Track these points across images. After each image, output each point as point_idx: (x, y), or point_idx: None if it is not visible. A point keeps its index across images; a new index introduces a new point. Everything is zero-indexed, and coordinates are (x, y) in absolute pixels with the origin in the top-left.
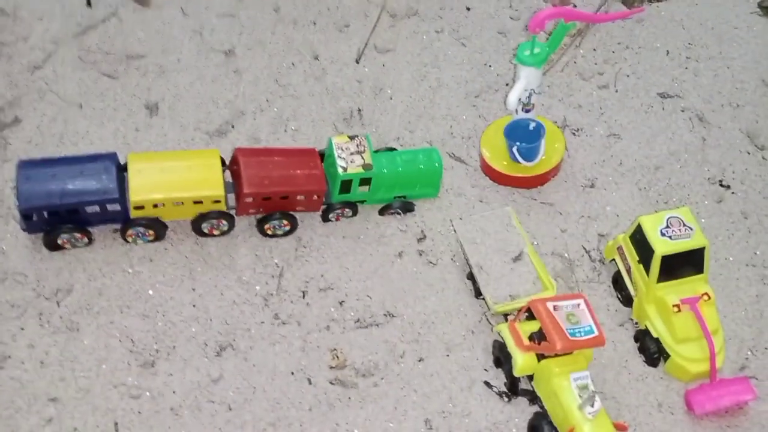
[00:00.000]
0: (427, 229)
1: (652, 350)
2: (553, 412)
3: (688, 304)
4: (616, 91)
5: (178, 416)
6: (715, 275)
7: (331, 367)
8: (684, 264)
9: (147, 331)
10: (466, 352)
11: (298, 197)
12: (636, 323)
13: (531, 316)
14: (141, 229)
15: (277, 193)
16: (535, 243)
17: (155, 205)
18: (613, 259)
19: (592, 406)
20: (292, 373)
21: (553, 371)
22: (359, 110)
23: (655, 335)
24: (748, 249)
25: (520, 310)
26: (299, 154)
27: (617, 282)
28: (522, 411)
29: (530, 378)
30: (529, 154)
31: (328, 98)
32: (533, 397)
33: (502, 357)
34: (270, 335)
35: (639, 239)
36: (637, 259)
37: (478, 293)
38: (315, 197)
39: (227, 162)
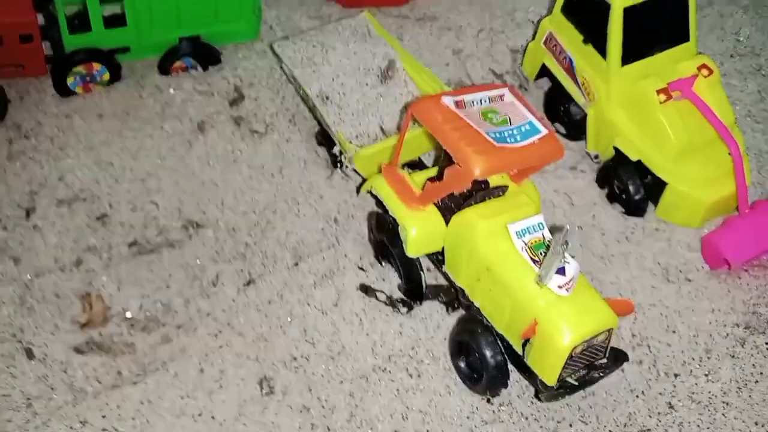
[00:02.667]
0: (244, 86)
1: (632, 186)
2: (491, 306)
3: (679, 89)
4: None
5: None
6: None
7: (82, 325)
8: (660, 25)
9: None
10: (328, 252)
11: None
12: (597, 157)
13: (420, 166)
14: None
15: None
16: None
17: None
18: (542, 74)
19: (564, 272)
20: None
21: (478, 227)
22: None
23: (633, 156)
24: (727, 36)
25: (398, 140)
26: None
27: (554, 104)
28: (436, 325)
29: (439, 261)
30: None
31: None
32: (450, 295)
33: (385, 236)
34: None
35: (579, 1)
36: (582, 38)
37: (335, 160)
38: (23, 42)
39: None
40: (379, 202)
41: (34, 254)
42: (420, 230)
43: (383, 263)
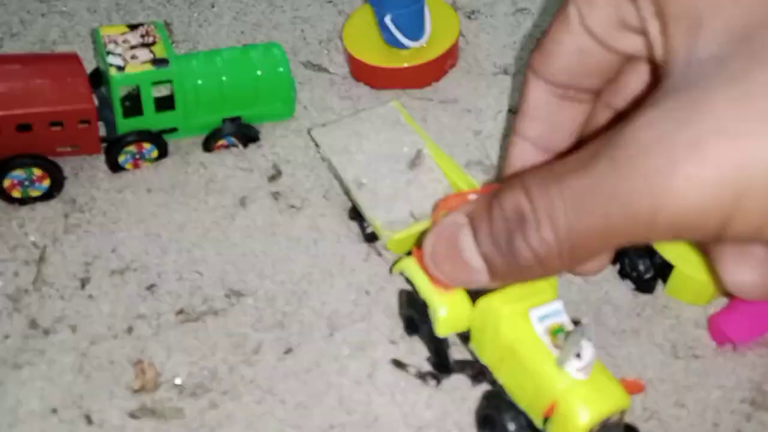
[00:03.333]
0: (282, 163)
1: (642, 266)
2: (514, 385)
3: None
4: None
5: None
6: None
7: (135, 391)
8: None
9: None
10: (360, 324)
11: (53, 126)
12: None
13: None
14: None
15: (10, 120)
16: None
17: None
18: None
19: (580, 356)
20: (54, 411)
21: (501, 312)
22: (167, 23)
23: None
24: None
25: (432, 224)
26: (45, 60)
27: None
28: (462, 397)
29: (465, 338)
30: (412, 27)
31: (118, 14)
32: (476, 370)
33: (415, 314)
34: (18, 355)
35: None
36: None
37: (369, 236)
38: (82, 124)
39: None
40: (409, 282)
41: (89, 323)
42: (449, 312)
43: (412, 336)
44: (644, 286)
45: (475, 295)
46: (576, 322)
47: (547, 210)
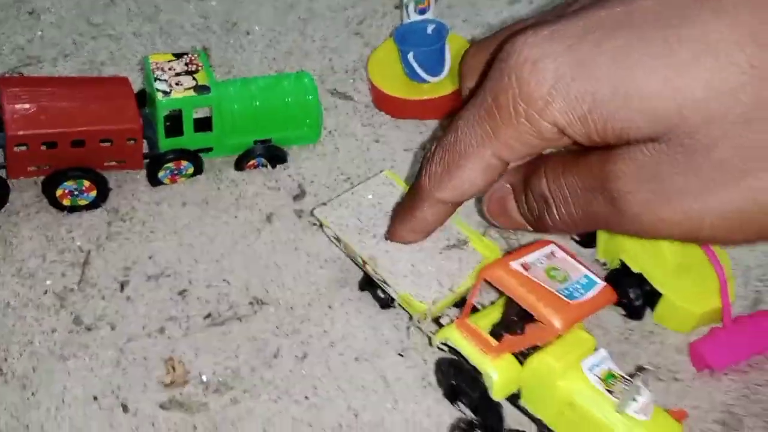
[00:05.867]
0: (306, 183)
1: (633, 294)
2: None
3: None
4: (531, 2)
5: None
6: None
7: (166, 385)
8: None
9: None
10: (371, 335)
11: (102, 143)
12: (605, 264)
13: (474, 308)
14: None
15: (66, 136)
16: None
17: None
18: None
19: (636, 399)
20: (95, 399)
21: (556, 369)
22: (205, 48)
23: (635, 269)
24: None
25: (467, 299)
26: (99, 82)
27: None
28: None
29: (514, 399)
30: (432, 63)
31: (161, 38)
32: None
33: (459, 382)
34: (64, 348)
35: None
36: None
37: (385, 302)
38: (128, 142)
39: None
40: (453, 350)
41: (126, 322)
42: (502, 376)
43: (456, 405)
44: (634, 312)
45: (520, 356)
46: (639, 369)
47: (562, 196)
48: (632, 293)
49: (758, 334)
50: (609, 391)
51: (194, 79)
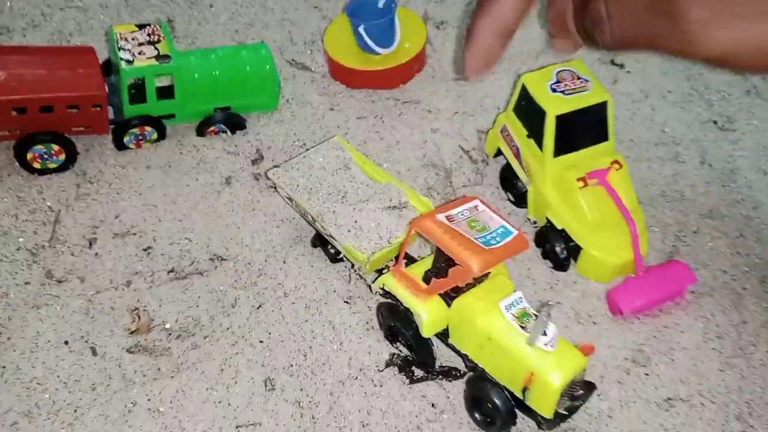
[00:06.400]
0: (264, 148)
1: (558, 248)
2: (494, 366)
3: (595, 177)
4: None
5: None
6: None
7: (132, 332)
8: (584, 129)
9: None
10: (320, 286)
11: (70, 109)
12: (535, 223)
13: (411, 259)
14: None
15: (35, 102)
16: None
17: None
18: (499, 153)
19: (546, 333)
20: (66, 343)
21: (476, 308)
22: (169, 20)
23: (559, 226)
24: (655, 127)
25: (401, 248)
26: (66, 52)
27: (506, 179)
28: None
29: (443, 336)
30: (382, 36)
31: (126, 10)
32: (457, 369)
33: (396, 323)
34: (36, 298)
35: (525, 106)
36: (526, 133)
37: (334, 257)
38: (94, 108)
39: None
40: (389, 295)
41: (95, 276)
42: (430, 314)
43: (396, 344)
44: (559, 265)
45: (447, 298)
46: (543, 305)
47: (616, 17)
48: (557, 247)
49: (667, 282)
50: (522, 327)
51: (156, 48)
